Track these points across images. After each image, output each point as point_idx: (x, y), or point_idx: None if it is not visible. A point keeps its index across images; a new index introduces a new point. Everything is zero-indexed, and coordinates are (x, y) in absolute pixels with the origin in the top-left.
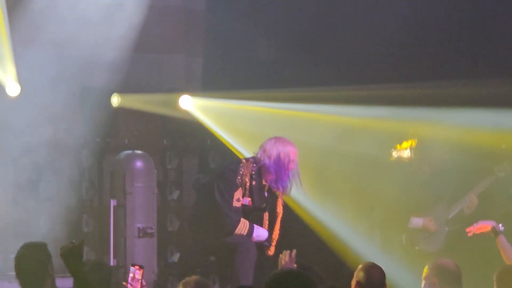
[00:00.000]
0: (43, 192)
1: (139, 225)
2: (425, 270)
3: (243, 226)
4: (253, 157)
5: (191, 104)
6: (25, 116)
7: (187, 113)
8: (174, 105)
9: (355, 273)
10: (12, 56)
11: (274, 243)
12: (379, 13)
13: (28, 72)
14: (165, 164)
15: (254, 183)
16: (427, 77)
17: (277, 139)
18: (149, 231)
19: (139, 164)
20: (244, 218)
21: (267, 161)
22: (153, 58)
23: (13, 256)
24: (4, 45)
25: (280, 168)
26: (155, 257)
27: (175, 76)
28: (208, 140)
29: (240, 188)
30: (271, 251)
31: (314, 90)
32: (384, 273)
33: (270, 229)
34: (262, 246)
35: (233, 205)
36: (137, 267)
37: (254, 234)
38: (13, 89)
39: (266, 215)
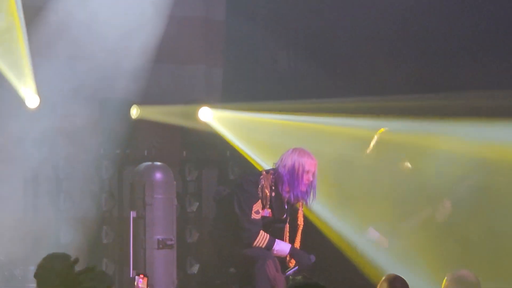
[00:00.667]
0: (63, 203)
1: (159, 236)
2: (444, 282)
3: (262, 238)
4: (273, 169)
5: (210, 116)
6: (44, 128)
7: (206, 124)
8: (194, 116)
9: (379, 285)
10: (31, 68)
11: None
12: (395, 27)
13: (48, 84)
14: (185, 176)
15: (273, 194)
16: (445, 88)
17: (295, 149)
18: (169, 242)
19: (158, 175)
20: (265, 230)
21: (282, 170)
22: (172, 69)
23: (32, 268)
24: (23, 57)
25: (294, 178)
26: (175, 268)
27: (195, 87)
28: (227, 152)
29: (260, 200)
30: (292, 263)
31: (334, 102)
32: (407, 285)
33: (291, 241)
34: (283, 258)
35: (252, 217)
36: (142, 276)
37: (275, 248)
38: (33, 101)
39: (287, 227)
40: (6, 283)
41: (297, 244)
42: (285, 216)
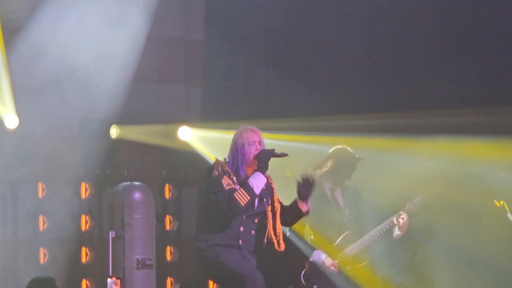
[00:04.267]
0: (42, 224)
1: (138, 256)
2: None
3: (240, 194)
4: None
5: (190, 135)
6: (23, 148)
7: (186, 144)
8: (173, 136)
9: None
10: (10, 88)
11: (281, 238)
12: (374, 45)
13: (27, 104)
14: (164, 195)
15: (235, 178)
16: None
17: (236, 131)
18: (148, 262)
19: (137, 195)
20: (246, 217)
21: (229, 155)
22: (151, 89)
23: (12, 287)
24: (2, 78)
25: (239, 157)
26: None
27: (174, 107)
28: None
29: (226, 176)
30: (282, 247)
31: (313, 120)
32: None
33: (274, 225)
34: (271, 242)
35: (226, 188)
36: (114, 278)
37: (254, 185)
38: (11, 122)
39: (269, 210)
40: None
41: (279, 226)
42: (264, 200)
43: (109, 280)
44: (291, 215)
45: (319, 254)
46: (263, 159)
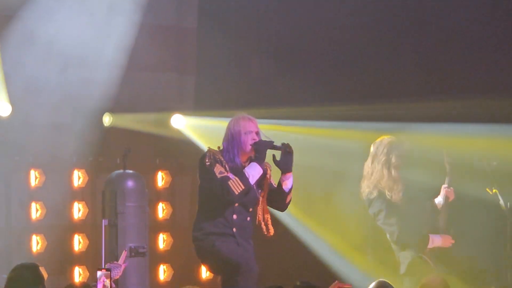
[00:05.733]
0: (35, 212)
1: (131, 244)
2: None
3: (235, 183)
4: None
5: (183, 123)
6: (16, 136)
7: (179, 132)
8: (166, 124)
9: None
10: (3, 76)
11: (269, 222)
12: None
13: (19, 91)
14: (157, 183)
15: (227, 166)
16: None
17: (231, 119)
18: (141, 250)
19: (130, 183)
20: (239, 205)
21: (224, 144)
22: (144, 77)
23: (5, 276)
24: None
25: (235, 145)
26: (148, 276)
27: (167, 95)
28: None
29: (218, 164)
30: (271, 231)
31: (306, 108)
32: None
33: (262, 210)
34: (264, 228)
35: (219, 177)
36: (104, 270)
37: (250, 173)
38: (4, 109)
39: (262, 197)
40: None
41: (266, 213)
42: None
43: (99, 272)
44: (276, 194)
45: (436, 238)
46: (260, 150)
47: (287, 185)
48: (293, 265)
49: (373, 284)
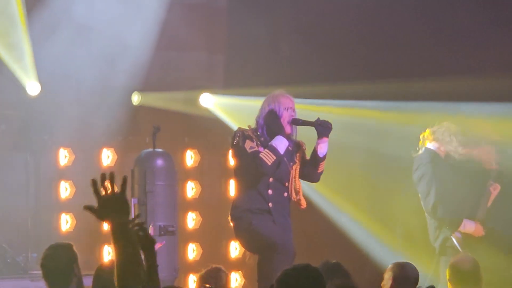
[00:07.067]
0: (64, 191)
1: (160, 223)
2: (447, 272)
3: (266, 154)
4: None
5: (212, 102)
6: (45, 115)
7: (208, 110)
8: (195, 103)
9: (388, 270)
10: (32, 55)
11: (301, 194)
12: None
13: (49, 71)
14: (186, 162)
15: (261, 140)
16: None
17: (268, 97)
18: (170, 229)
19: (159, 162)
20: (274, 179)
21: (260, 120)
22: (174, 56)
23: (35, 255)
24: (24, 44)
25: (275, 122)
26: (176, 255)
27: (197, 73)
28: (229, 138)
29: (248, 140)
30: (304, 203)
31: (338, 86)
32: (417, 271)
33: (294, 182)
34: (296, 199)
35: (249, 152)
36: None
37: (277, 146)
38: (34, 88)
39: (294, 169)
40: (9, 270)
41: (298, 185)
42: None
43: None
44: (310, 164)
45: (469, 223)
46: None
47: (322, 149)
48: (324, 244)
49: (391, 265)
